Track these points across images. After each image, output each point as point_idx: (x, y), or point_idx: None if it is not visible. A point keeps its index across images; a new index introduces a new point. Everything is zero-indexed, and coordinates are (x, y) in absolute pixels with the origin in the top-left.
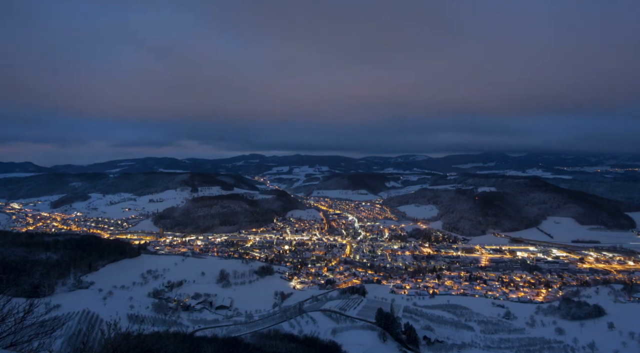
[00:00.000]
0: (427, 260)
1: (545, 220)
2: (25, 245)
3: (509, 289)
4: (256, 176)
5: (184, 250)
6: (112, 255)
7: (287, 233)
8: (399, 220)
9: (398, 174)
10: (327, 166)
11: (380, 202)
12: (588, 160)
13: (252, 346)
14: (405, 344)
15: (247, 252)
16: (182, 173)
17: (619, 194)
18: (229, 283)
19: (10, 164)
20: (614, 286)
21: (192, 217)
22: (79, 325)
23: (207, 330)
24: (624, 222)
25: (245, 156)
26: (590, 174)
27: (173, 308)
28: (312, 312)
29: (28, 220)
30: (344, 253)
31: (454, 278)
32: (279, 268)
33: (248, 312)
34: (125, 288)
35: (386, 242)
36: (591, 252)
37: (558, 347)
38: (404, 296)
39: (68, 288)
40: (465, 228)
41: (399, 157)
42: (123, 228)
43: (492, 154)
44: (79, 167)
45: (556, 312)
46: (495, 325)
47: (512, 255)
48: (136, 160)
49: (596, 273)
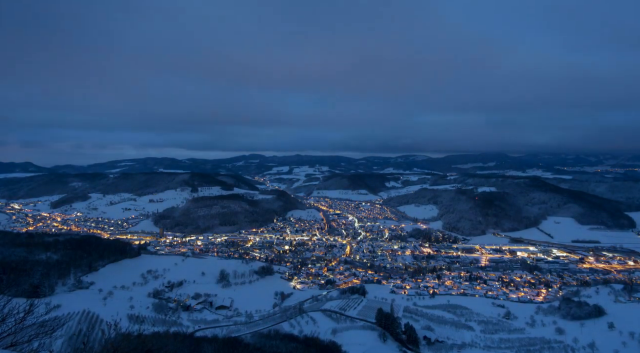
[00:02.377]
0: (427, 260)
1: (545, 220)
2: (25, 245)
3: (509, 289)
4: (256, 176)
5: (184, 250)
6: (112, 255)
7: (287, 233)
8: (399, 220)
9: (398, 173)
10: (327, 166)
11: (380, 202)
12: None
13: (252, 346)
14: (405, 344)
15: (247, 252)
16: (182, 173)
17: (619, 194)
18: (229, 284)
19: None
20: (614, 286)
21: (192, 217)
22: (79, 325)
23: (207, 330)
24: (624, 222)
25: (245, 156)
26: (590, 173)
27: (173, 308)
28: (312, 312)
29: (28, 221)
30: (344, 253)
31: (454, 278)
32: (279, 269)
33: (248, 312)
34: (126, 289)
35: (386, 242)
36: (591, 252)
37: (558, 347)
38: (404, 296)
39: (68, 288)
40: (465, 228)
41: (399, 157)
42: (123, 228)
43: (492, 154)
44: (79, 167)
45: (556, 312)
46: (496, 325)
47: (512, 255)
48: (136, 160)
49: (596, 273)
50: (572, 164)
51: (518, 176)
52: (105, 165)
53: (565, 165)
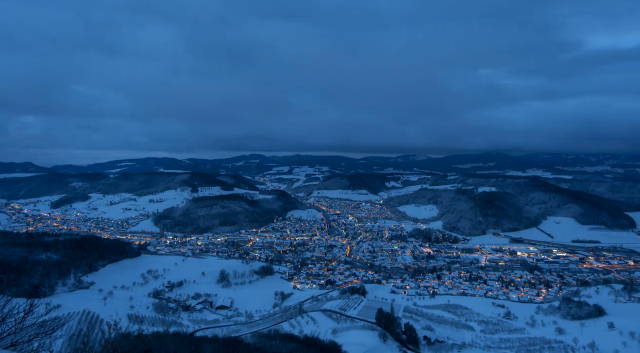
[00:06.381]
0: (427, 260)
1: (545, 220)
2: (25, 245)
3: (509, 289)
4: (256, 176)
5: (184, 250)
6: (112, 255)
7: (287, 233)
8: (399, 220)
9: (398, 174)
10: (327, 166)
11: (380, 202)
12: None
13: (253, 346)
14: (405, 344)
15: (248, 252)
16: (182, 173)
17: (619, 194)
18: (229, 284)
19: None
20: (614, 286)
21: (192, 217)
22: (79, 325)
23: (208, 330)
24: (624, 221)
25: (245, 156)
26: (590, 173)
27: (173, 308)
28: (313, 312)
29: (28, 221)
30: (344, 253)
31: (454, 278)
32: (279, 269)
33: (248, 312)
34: (126, 289)
35: (386, 242)
36: (591, 252)
37: (558, 346)
38: (404, 296)
39: (68, 288)
40: (465, 228)
41: (399, 157)
42: (123, 228)
43: (492, 154)
44: (79, 167)
45: (556, 311)
46: (496, 325)
47: (512, 255)
48: (136, 160)
49: (596, 273)
50: (572, 164)
51: (518, 176)
52: (105, 165)
53: (565, 165)
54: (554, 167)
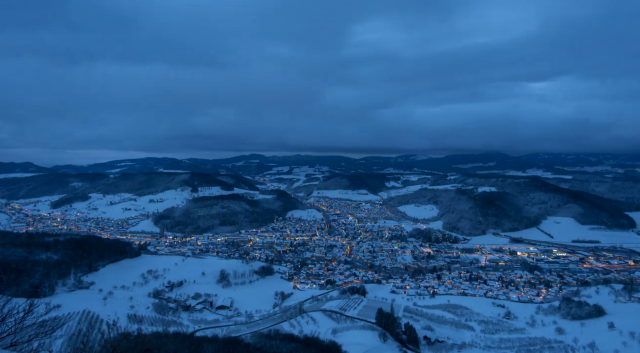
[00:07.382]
0: (427, 260)
1: (545, 220)
2: (25, 245)
3: (509, 289)
4: (256, 176)
5: (184, 250)
6: (112, 255)
7: (287, 233)
8: (399, 220)
9: (398, 174)
10: (327, 166)
11: (380, 202)
12: (588, 160)
13: (253, 346)
14: (405, 344)
15: (248, 252)
16: (182, 173)
17: (619, 194)
18: (229, 284)
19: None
20: (614, 286)
21: (192, 217)
22: (79, 325)
23: (208, 330)
24: (624, 221)
25: (245, 156)
26: (590, 173)
27: (173, 308)
28: (313, 312)
29: (28, 221)
30: (344, 253)
31: (454, 278)
32: (279, 269)
33: (248, 312)
34: (126, 289)
35: (386, 242)
36: (591, 252)
37: (558, 346)
38: (404, 296)
39: (68, 288)
40: (465, 228)
41: (399, 157)
42: (123, 228)
43: (492, 154)
44: (79, 167)
45: (556, 311)
46: (496, 325)
47: (512, 255)
48: (136, 161)
49: (596, 273)
50: (572, 163)
51: (518, 176)
52: (106, 165)
53: (565, 165)
54: (554, 167)
